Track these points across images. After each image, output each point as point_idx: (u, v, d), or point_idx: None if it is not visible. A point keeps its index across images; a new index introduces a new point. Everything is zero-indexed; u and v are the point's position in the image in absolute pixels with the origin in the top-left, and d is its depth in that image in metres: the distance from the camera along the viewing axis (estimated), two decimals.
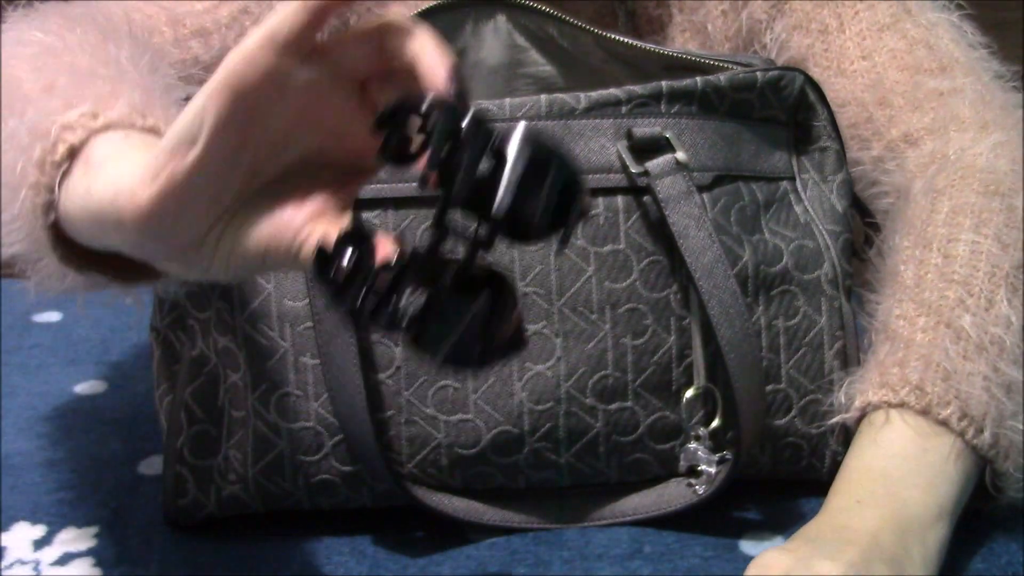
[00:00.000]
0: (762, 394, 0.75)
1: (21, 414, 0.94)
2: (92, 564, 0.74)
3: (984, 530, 0.74)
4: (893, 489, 0.67)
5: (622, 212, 0.74)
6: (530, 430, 0.74)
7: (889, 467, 0.69)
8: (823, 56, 0.85)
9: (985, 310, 0.71)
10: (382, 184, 0.73)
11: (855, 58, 0.84)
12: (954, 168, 0.78)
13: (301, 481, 0.74)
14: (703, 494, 0.75)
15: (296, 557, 0.74)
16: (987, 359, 0.70)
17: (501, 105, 0.74)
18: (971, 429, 0.69)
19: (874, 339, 0.75)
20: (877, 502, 0.66)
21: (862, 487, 0.68)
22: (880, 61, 0.84)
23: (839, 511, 0.67)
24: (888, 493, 0.67)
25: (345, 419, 0.72)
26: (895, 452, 0.69)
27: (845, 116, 0.83)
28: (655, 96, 0.75)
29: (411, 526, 0.76)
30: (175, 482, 0.75)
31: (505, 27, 0.85)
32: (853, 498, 0.67)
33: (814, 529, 0.66)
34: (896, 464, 0.69)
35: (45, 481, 0.84)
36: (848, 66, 0.84)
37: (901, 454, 0.69)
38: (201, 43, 0.83)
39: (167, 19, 0.82)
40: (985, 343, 0.71)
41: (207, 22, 0.84)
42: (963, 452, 0.69)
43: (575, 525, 0.76)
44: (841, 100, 0.84)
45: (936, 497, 0.67)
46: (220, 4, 0.84)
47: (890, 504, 0.66)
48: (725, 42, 0.89)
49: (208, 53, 0.83)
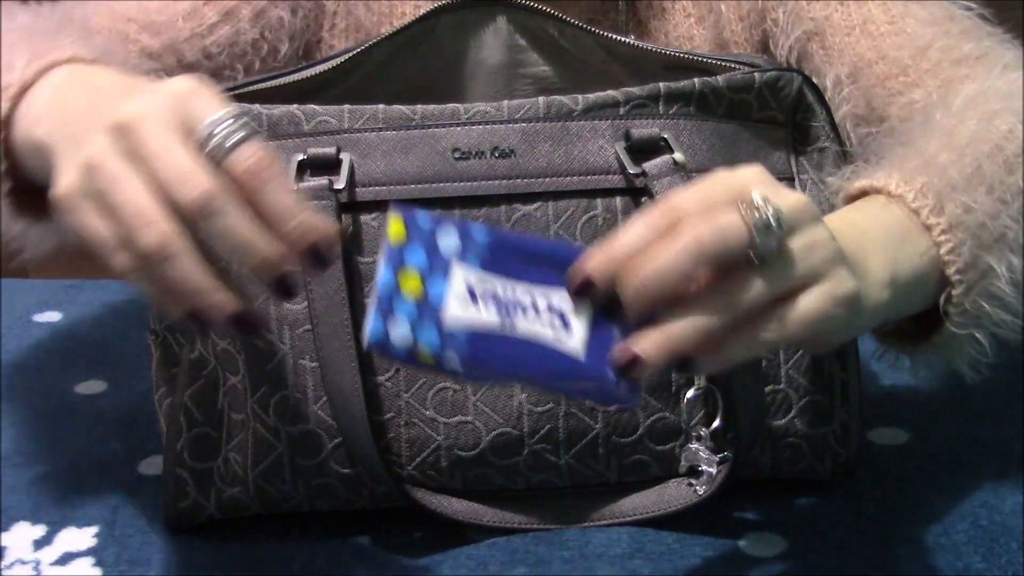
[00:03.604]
0: (761, 394, 0.75)
1: (21, 414, 0.94)
2: (92, 564, 0.74)
3: (984, 530, 0.74)
4: (860, 237, 0.66)
5: (621, 213, 0.74)
6: (530, 431, 0.74)
7: (868, 223, 0.68)
8: (843, 22, 0.85)
9: (1001, 179, 0.72)
10: (380, 187, 0.73)
11: (882, 22, 0.85)
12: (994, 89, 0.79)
13: (301, 484, 0.74)
14: (703, 494, 0.75)
15: (296, 557, 0.74)
16: (992, 202, 0.71)
17: (500, 107, 0.74)
18: (949, 243, 0.69)
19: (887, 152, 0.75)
20: (843, 233, 0.65)
21: (832, 220, 0.67)
22: (911, 23, 0.84)
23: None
24: (856, 234, 0.66)
25: (344, 422, 0.72)
26: (882, 221, 0.69)
27: (873, 73, 0.83)
28: (653, 97, 0.75)
29: (411, 526, 0.76)
30: (175, 485, 0.75)
31: (505, 28, 0.85)
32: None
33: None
34: (873, 226, 0.69)
35: (45, 481, 0.84)
36: (875, 29, 0.84)
37: (882, 224, 0.69)
38: (150, 35, 0.85)
39: (110, 19, 0.85)
40: (996, 191, 0.71)
41: (157, 18, 0.86)
42: (935, 262, 0.69)
43: (575, 525, 0.76)
44: (870, 59, 0.84)
45: (893, 269, 0.67)
46: None
47: (854, 236, 0.65)
48: (739, 21, 0.89)
49: (157, 40, 0.85)
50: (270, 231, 0.57)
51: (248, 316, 0.59)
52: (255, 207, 0.57)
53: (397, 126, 0.74)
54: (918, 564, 0.71)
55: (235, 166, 0.57)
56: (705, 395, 0.75)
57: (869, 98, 0.83)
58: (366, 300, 0.73)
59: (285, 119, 0.75)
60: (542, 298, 0.59)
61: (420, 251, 0.58)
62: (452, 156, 0.74)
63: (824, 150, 0.79)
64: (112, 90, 0.64)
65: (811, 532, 0.75)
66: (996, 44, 0.83)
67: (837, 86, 0.85)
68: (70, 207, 0.59)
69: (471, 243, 0.58)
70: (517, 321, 0.58)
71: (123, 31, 0.85)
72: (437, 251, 0.58)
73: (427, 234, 0.58)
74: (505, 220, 0.74)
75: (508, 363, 0.58)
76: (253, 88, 0.79)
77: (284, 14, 0.90)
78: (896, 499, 0.78)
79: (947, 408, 0.90)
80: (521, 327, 0.58)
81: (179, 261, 0.56)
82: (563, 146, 0.74)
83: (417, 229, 0.58)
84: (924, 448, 0.85)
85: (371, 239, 0.73)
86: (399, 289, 0.58)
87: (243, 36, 0.88)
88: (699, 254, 0.57)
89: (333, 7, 0.93)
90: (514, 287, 0.59)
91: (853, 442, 0.78)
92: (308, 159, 0.73)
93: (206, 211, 0.56)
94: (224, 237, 0.56)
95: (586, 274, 0.58)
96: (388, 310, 0.57)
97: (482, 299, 0.58)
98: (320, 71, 0.80)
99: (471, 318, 0.58)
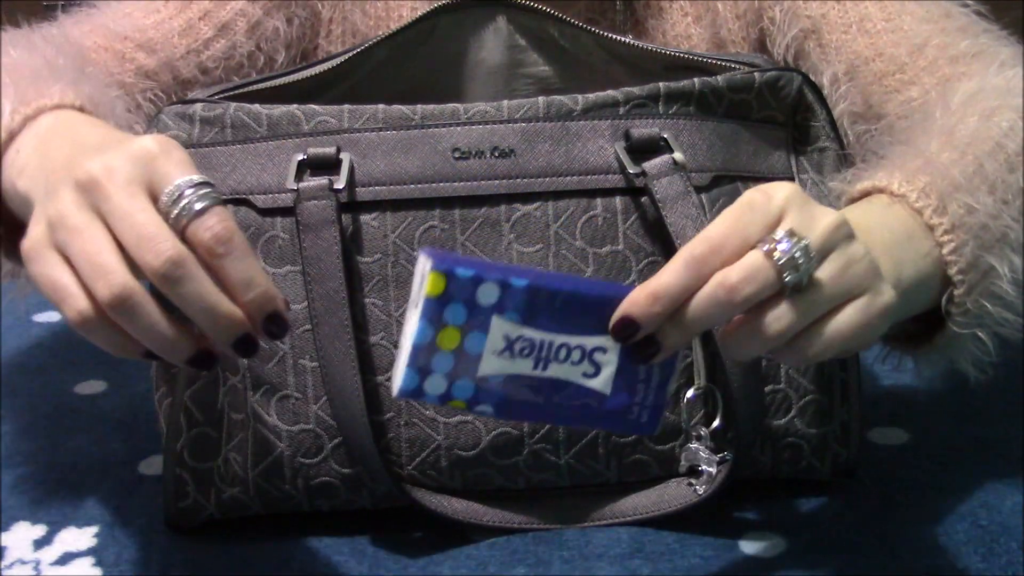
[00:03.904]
0: (761, 394, 0.75)
1: (21, 414, 0.94)
2: (92, 564, 0.74)
3: (984, 530, 0.74)
4: (866, 239, 0.65)
5: (620, 213, 0.74)
6: (530, 431, 0.74)
7: (872, 224, 0.68)
8: (840, 20, 0.85)
9: (1003, 178, 0.72)
10: (380, 187, 0.73)
11: (878, 20, 0.85)
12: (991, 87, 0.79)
13: (301, 483, 0.74)
14: (703, 494, 0.75)
15: (296, 557, 0.74)
16: (993, 202, 0.71)
17: (499, 107, 0.74)
18: (952, 244, 0.69)
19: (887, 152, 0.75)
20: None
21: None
22: (907, 20, 0.84)
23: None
24: (862, 237, 0.66)
25: (344, 422, 0.72)
26: (886, 222, 0.69)
27: (870, 71, 0.84)
28: (653, 97, 0.75)
29: (411, 526, 0.76)
30: (175, 485, 0.75)
31: (505, 28, 0.85)
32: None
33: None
34: (878, 227, 0.68)
35: (45, 481, 0.84)
36: (871, 26, 0.85)
37: (886, 226, 0.69)
38: (146, 53, 0.85)
39: (107, 39, 0.85)
40: (998, 191, 0.71)
41: (153, 35, 0.86)
42: (938, 263, 0.69)
43: (575, 525, 0.76)
44: (867, 56, 0.84)
45: (899, 270, 0.67)
46: (175, 15, 0.87)
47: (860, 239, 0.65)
48: (735, 20, 0.89)
49: (153, 59, 0.85)
50: (229, 298, 0.58)
51: (206, 354, 0.60)
52: (215, 273, 0.58)
53: (397, 126, 0.74)
54: (918, 564, 0.71)
55: (199, 233, 0.58)
56: (705, 395, 0.75)
57: (866, 95, 0.83)
58: (365, 300, 0.73)
59: (285, 119, 0.75)
60: (576, 344, 0.59)
61: (460, 309, 0.58)
62: (452, 156, 0.74)
63: (824, 150, 0.79)
64: (89, 144, 0.64)
65: (811, 532, 0.75)
66: (992, 41, 0.83)
67: (834, 84, 0.85)
68: (33, 257, 0.60)
69: (510, 293, 0.58)
70: (550, 366, 0.59)
71: (119, 50, 0.85)
72: (477, 307, 0.58)
73: (467, 289, 0.58)
74: (505, 220, 0.74)
75: (539, 407, 0.60)
76: (253, 88, 0.79)
77: (280, 24, 0.90)
78: (896, 499, 0.78)
79: (947, 408, 0.90)
80: (552, 370, 0.59)
81: (139, 311, 0.58)
82: (563, 146, 0.74)
83: (457, 283, 0.57)
84: (924, 448, 0.85)
85: (371, 239, 0.73)
86: (435, 343, 0.58)
87: (239, 49, 0.88)
88: (730, 304, 0.58)
89: (329, 14, 0.93)
90: (551, 337, 0.59)
91: (853, 442, 0.78)
92: (308, 159, 0.73)
93: (171, 277, 0.57)
94: (186, 302, 0.58)
95: (629, 316, 0.59)
96: (423, 364, 0.58)
97: (519, 349, 0.59)
98: (320, 71, 0.80)
99: (506, 368, 0.59)
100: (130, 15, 0.87)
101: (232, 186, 0.75)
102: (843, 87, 0.85)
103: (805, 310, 0.59)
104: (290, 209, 0.73)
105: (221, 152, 0.75)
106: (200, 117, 0.76)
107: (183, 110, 0.76)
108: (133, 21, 0.87)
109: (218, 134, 0.75)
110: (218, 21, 0.88)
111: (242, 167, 0.75)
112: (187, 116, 0.76)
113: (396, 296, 0.74)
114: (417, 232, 0.74)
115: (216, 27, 0.88)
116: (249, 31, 0.88)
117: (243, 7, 0.88)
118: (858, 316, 0.60)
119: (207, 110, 0.76)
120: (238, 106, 0.76)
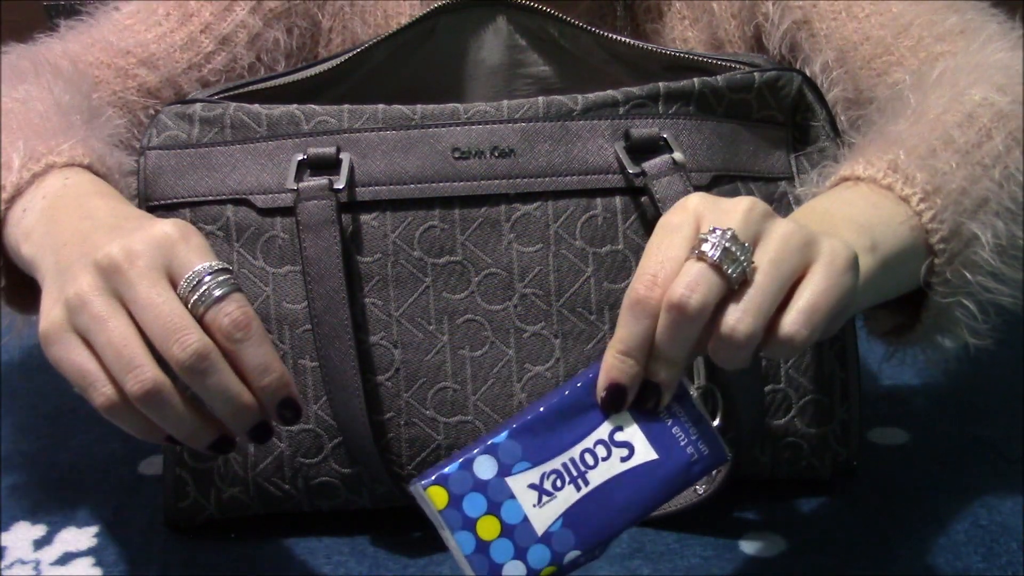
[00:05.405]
0: (761, 394, 0.75)
1: (21, 414, 0.94)
2: (92, 564, 0.74)
3: (984, 530, 0.74)
4: (822, 218, 0.66)
5: (620, 213, 0.74)
6: None
7: (828, 205, 0.68)
8: (830, 8, 0.85)
9: (977, 145, 0.71)
10: (379, 187, 0.73)
11: (866, 3, 0.85)
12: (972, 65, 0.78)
13: (301, 483, 0.74)
14: (703, 494, 0.75)
15: (296, 557, 0.74)
16: (969, 167, 0.70)
17: (499, 107, 0.74)
18: (930, 211, 0.69)
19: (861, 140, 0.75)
20: (804, 219, 0.64)
21: (792, 215, 0.66)
22: (895, 3, 0.84)
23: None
24: (817, 217, 0.66)
25: (344, 421, 0.72)
26: (844, 198, 0.69)
27: (859, 55, 0.83)
28: (652, 97, 0.75)
29: (411, 526, 0.76)
30: (175, 485, 0.75)
31: (505, 28, 0.85)
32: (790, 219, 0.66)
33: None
34: (835, 204, 0.68)
35: (45, 481, 0.84)
36: (859, 11, 0.85)
37: (844, 200, 0.69)
38: (148, 69, 0.86)
39: (108, 55, 0.85)
40: (974, 157, 0.71)
41: (155, 50, 0.86)
42: (919, 231, 0.68)
43: None
44: (855, 41, 0.84)
45: (871, 236, 0.66)
46: (176, 28, 0.87)
47: (814, 219, 0.65)
48: (731, 19, 0.89)
49: (155, 75, 0.86)
50: (244, 381, 0.60)
51: (226, 440, 0.62)
52: (232, 357, 0.59)
53: (397, 126, 0.74)
54: (918, 564, 0.71)
55: (219, 319, 0.59)
56: (705, 395, 0.75)
57: (856, 81, 0.83)
58: (365, 299, 0.73)
59: (285, 119, 0.75)
60: (594, 442, 0.60)
61: (475, 498, 0.58)
62: (452, 156, 0.74)
63: (824, 150, 0.79)
64: (103, 220, 0.64)
65: (811, 532, 0.75)
66: (978, 16, 0.83)
67: (825, 71, 0.85)
68: (54, 340, 0.60)
69: (501, 452, 0.59)
70: (590, 477, 0.59)
71: (121, 67, 0.85)
72: (486, 484, 0.59)
73: (466, 478, 0.59)
74: (505, 220, 0.74)
75: (613, 515, 0.59)
76: (253, 88, 0.79)
77: (280, 35, 0.90)
78: (896, 499, 0.78)
79: (947, 408, 0.90)
80: (594, 479, 0.59)
81: (167, 405, 0.59)
82: (563, 146, 0.74)
83: (453, 481, 0.58)
84: (924, 448, 0.85)
85: (371, 239, 0.74)
86: (482, 540, 0.58)
87: (240, 61, 0.88)
88: (688, 319, 0.57)
89: (328, 23, 0.92)
90: (568, 454, 0.59)
91: (853, 442, 0.78)
92: (308, 159, 0.73)
93: (197, 369, 0.58)
94: (209, 393, 0.59)
95: (613, 383, 0.59)
96: (488, 565, 0.58)
97: (551, 486, 0.59)
98: (320, 71, 0.80)
99: (556, 510, 0.59)
100: (131, 27, 0.87)
101: (232, 186, 0.75)
102: (835, 73, 0.85)
103: (762, 297, 0.58)
104: (290, 209, 0.73)
105: (221, 152, 0.75)
106: (200, 117, 0.76)
107: (183, 110, 0.76)
108: (135, 35, 0.87)
109: (218, 134, 0.75)
110: (219, 34, 0.88)
111: (242, 167, 0.75)
112: (187, 116, 0.76)
113: (396, 296, 0.74)
114: (417, 232, 0.74)
115: (217, 40, 0.88)
116: (250, 43, 0.88)
117: (244, 19, 0.88)
118: (822, 279, 0.59)
119: (207, 110, 0.76)
120: (238, 106, 0.76)
